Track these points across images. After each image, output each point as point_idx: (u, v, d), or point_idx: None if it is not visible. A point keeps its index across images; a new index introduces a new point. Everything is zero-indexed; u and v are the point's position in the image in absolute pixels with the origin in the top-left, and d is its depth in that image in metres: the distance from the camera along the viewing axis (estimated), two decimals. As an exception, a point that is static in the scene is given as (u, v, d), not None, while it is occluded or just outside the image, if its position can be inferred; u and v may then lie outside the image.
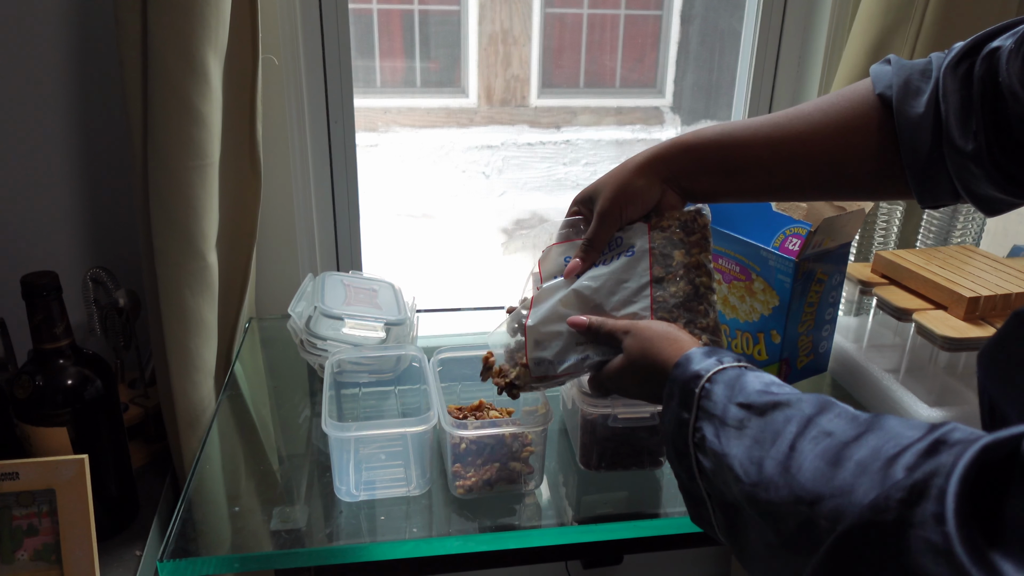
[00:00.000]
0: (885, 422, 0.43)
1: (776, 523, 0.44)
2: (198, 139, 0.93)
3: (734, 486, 0.48)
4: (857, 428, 0.43)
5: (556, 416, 0.92)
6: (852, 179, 0.64)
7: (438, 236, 1.83)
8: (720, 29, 1.53)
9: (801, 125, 0.64)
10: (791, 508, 0.43)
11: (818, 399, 0.48)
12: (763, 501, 0.45)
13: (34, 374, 0.86)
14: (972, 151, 0.56)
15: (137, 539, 0.95)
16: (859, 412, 0.45)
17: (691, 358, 0.56)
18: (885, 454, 0.39)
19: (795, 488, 0.43)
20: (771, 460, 0.45)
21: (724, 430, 0.50)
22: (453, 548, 0.78)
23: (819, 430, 0.45)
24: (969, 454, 0.34)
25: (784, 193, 0.68)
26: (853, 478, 0.40)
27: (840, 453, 0.42)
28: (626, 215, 0.70)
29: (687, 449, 0.53)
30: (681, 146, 0.68)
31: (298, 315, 1.00)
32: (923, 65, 0.60)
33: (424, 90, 1.83)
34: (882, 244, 1.27)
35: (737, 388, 0.52)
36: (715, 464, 0.50)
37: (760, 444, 0.47)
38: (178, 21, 0.88)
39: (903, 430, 0.41)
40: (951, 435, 0.38)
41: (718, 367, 0.54)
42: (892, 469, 0.38)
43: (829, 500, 0.40)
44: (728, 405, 0.51)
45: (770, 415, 0.48)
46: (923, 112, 0.58)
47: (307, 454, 0.92)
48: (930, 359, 0.98)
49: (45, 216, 1.11)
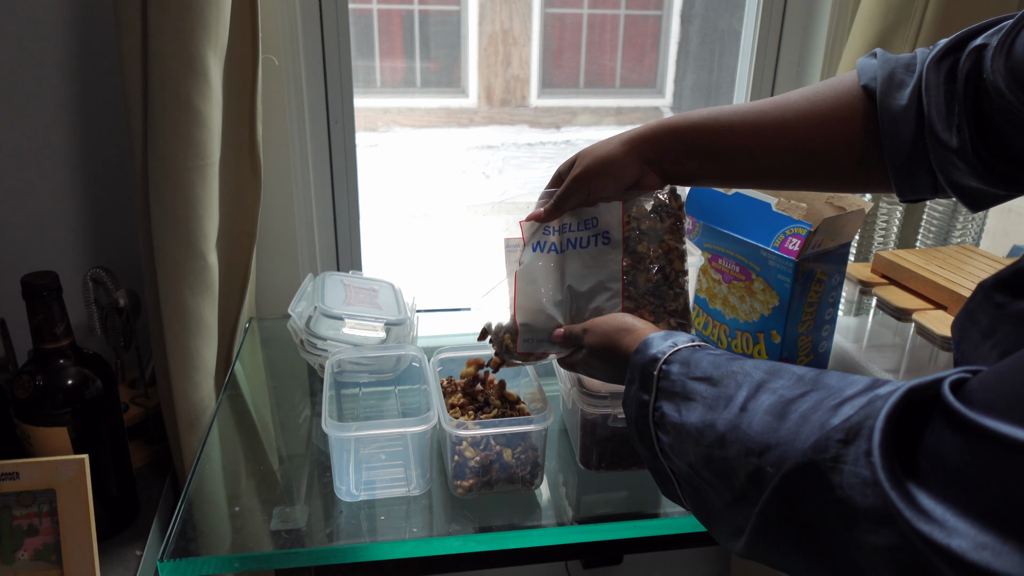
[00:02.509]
0: (828, 379, 0.46)
1: (729, 478, 0.48)
2: (198, 139, 0.93)
3: (692, 451, 0.51)
4: (803, 386, 0.47)
5: (556, 416, 0.92)
6: (834, 168, 0.65)
7: (438, 236, 1.83)
8: (720, 29, 1.53)
9: (786, 112, 0.65)
10: (742, 461, 0.46)
11: (769, 365, 0.51)
12: (717, 459, 0.49)
13: (34, 374, 0.86)
14: (956, 145, 0.57)
15: (137, 539, 0.96)
16: (806, 371, 0.49)
17: (649, 343, 0.59)
18: (827, 405, 0.43)
19: (745, 442, 0.47)
20: (723, 420, 0.49)
21: (683, 404, 0.53)
22: (453, 548, 0.78)
23: (768, 390, 0.48)
24: (895, 396, 0.38)
25: (765, 180, 0.69)
26: (796, 427, 0.44)
27: (786, 408, 0.46)
28: (597, 185, 0.71)
29: (648, 428, 0.56)
30: (667, 127, 0.68)
31: (298, 315, 1.00)
32: (908, 59, 0.61)
33: (424, 90, 1.83)
34: (882, 244, 1.27)
35: (692, 364, 0.55)
36: (674, 437, 0.54)
37: (713, 409, 0.51)
38: (178, 21, 0.88)
39: (844, 385, 0.45)
40: (886, 386, 0.41)
41: (673, 348, 0.57)
42: (832, 417, 0.42)
43: (775, 448, 0.44)
44: (686, 381, 0.54)
45: (723, 383, 0.52)
46: (906, 104, 0.59)
47: (307, 454, 0.92)
48: (930, 359, 0.98)
49: (45, 216, 1.11)
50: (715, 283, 1.00)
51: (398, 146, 1.87)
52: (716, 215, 0.98)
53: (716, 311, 1.01)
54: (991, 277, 0.46)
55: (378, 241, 1.45)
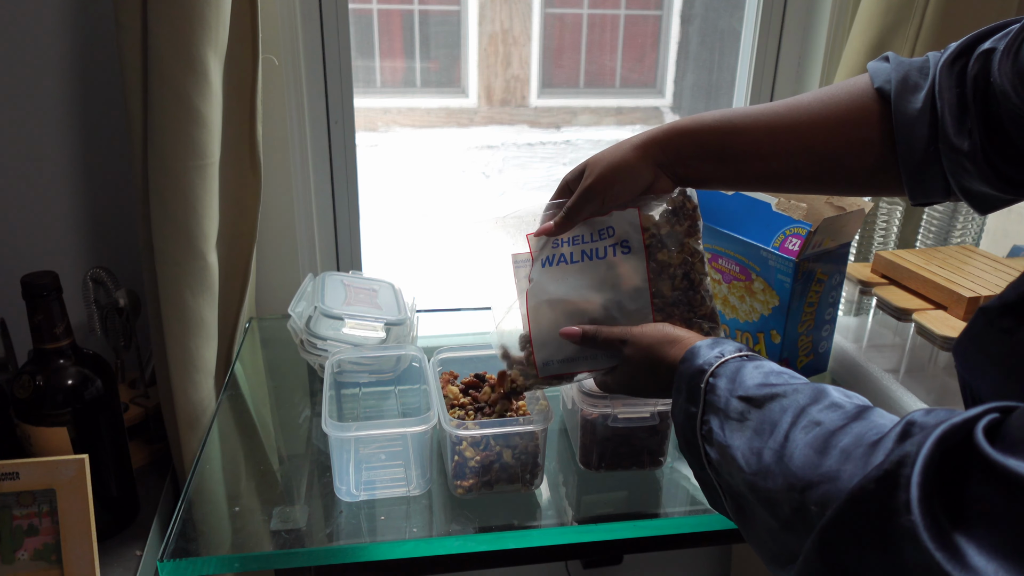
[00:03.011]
0: (870, 413, 0.45)
1: (774, 509, 0.47)
2: (198, 139, 0.93)
3: (737, 475, 0.50)
4: (844, 418, 0.45)
5: (556, 416, 0.92)
6: (848, 171, 0.64)
7: (438, 236, 1.82)
8: (720, 29, 1.53)
9: (801, 115, 0.64)
10: (785, 495, 0.45)
11: (812, 388, 0.50)
12: (762, 489, 0.48)
13: (34, 374, 0.86)
14: (967, 148, 0.57)
15: (137, 539, 0.96)
16: (849, 399, 0.48)
17: (695, 353, 0.58)
18: (867, 440, 0.42)
19: (788, 476, 0.45)
20: (768, 450, 0.48)
21: (727, 423, 0.53)
22: (453, 548, 0.78)
23: (809, 419, 0.47)
24: (930, 442, 0.37)
25: (778, 183, 0.68)
26: (838, 465, 0.42)
27: (827, 441, 0.44)
28: (612, 193, 0.69)
29: (696, 440, 0.55)
30: (679, 130, 0.67)
31: (298, 315, 1.00)
32: (921, 63, 0.61)
33: (424, 90, 1.83)
34: (882, 244, 1.27)
35: (737, 382, 0.54)
36: (721, 455, 0.53)
37: (759, 435, 0.50)
38: (178, 21, 0.88)
39: (885, 420, 0.44)
40: (919, 417, 0.40)
41: (720, 360, 0.56)
42: (872, 456, 0.41)
43: (818, 487, 0.43)
44: (730, 399, 0.53)
45: (767, 407, 0.51)
46: (920, 108, 0.59)
47: (307, 454, 0.92)
48: (930, 359, 0.98)
49: (45, 216, 1.11)
50: (715, 283, 1.00)
51: (398, 146, 1.87)
52: (716, 215, 0.98)
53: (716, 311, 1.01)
54: (995, 300, 0.45)
55: (378, 241, 1.45)
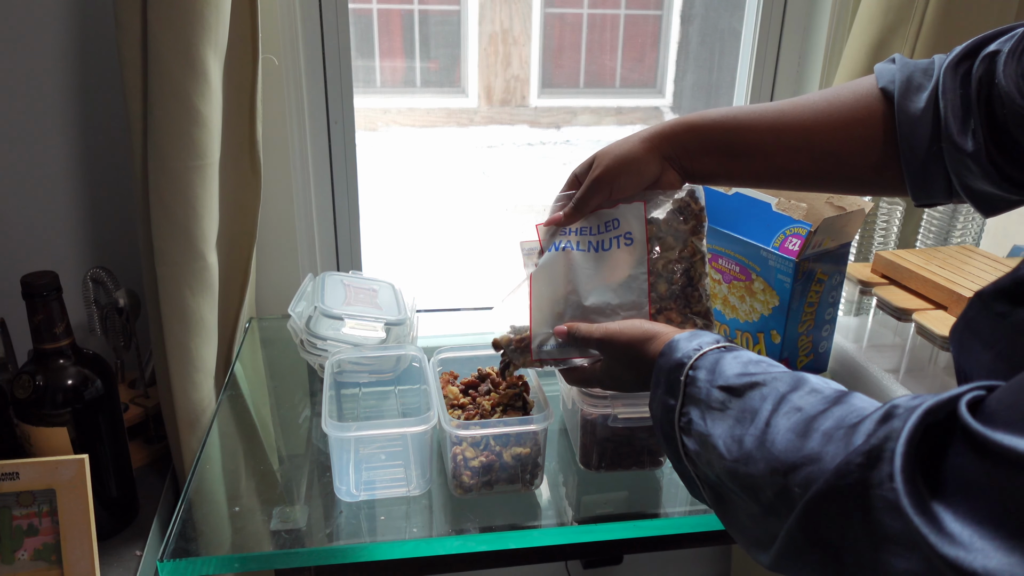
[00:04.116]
0: (850, 397, 0.46)
1: (756, 494, 0.48)
2: (198, 139, 0.93)
3: (718, 463, 0.51)
4: (825, 402, 0.47)
5: (556, 416, 0.92)
6: (851, 170, 0.65)
7: (438, 236, 1.83)
8: (720, 29, 1.53)
9: (806, 114, 0.65)
10: (768, 479, 0.46)
11: (792, 376, 0.51)
12: (743, 475, 0.49)
13: (34, 374, 0.86)
14: (971, 149, 0.57)
15: (137, 539, 0.96)
16: (828, 385, 0.49)
17: (674, 346, 0.59)
18: (848, 423, 0.43)
19: (770, 460, 0.46)
20: (750, 436, 0.49)
21: (709, 412, 0.53)
22: (453, 548, 0.78)
23: (791, 406, 0.48)
24: (913, 418, 0.38)
25: (782, 180, 0.69)
26: (820, 447, 0.43)
27: (809, 425, 0.45)
28: (619, 185, 0.70)
29: (673, 432, 0.56)
30: (686, 125, 0.69)
31: (298, 315, 1.00)
32: (926, 64, 0.62)
33: (424, 90, 1.83)
34: (882, 244, 1.27)
35: (717, 372, 0.55)
36: (701, 445, 0.53)
37: (740, 423, 0.51)
38: (178, 21, 0.88)
39: (864, 403, 0.45)
40: (903, 402, 0.41)
41: (699, 352, 0.57)
42: (853, 436, 0.42)
43: (801, 469, 0.44)
44: (711, 389, 0.54)
45: (748, 395, 0.52)
46: (923, 108, 0.60)
47: (307, 454, 0.92)
48: (930, 359, 0.98)
49: (45, 216, 1.11)
50: (715, 283, 1.00)
51: (398, 146, 1.87)
52: (716, 215, 0.98)
53: (716, 311, 1.01)
54: (990, 286, 0.46)
55: (378, 241, 1.45)
